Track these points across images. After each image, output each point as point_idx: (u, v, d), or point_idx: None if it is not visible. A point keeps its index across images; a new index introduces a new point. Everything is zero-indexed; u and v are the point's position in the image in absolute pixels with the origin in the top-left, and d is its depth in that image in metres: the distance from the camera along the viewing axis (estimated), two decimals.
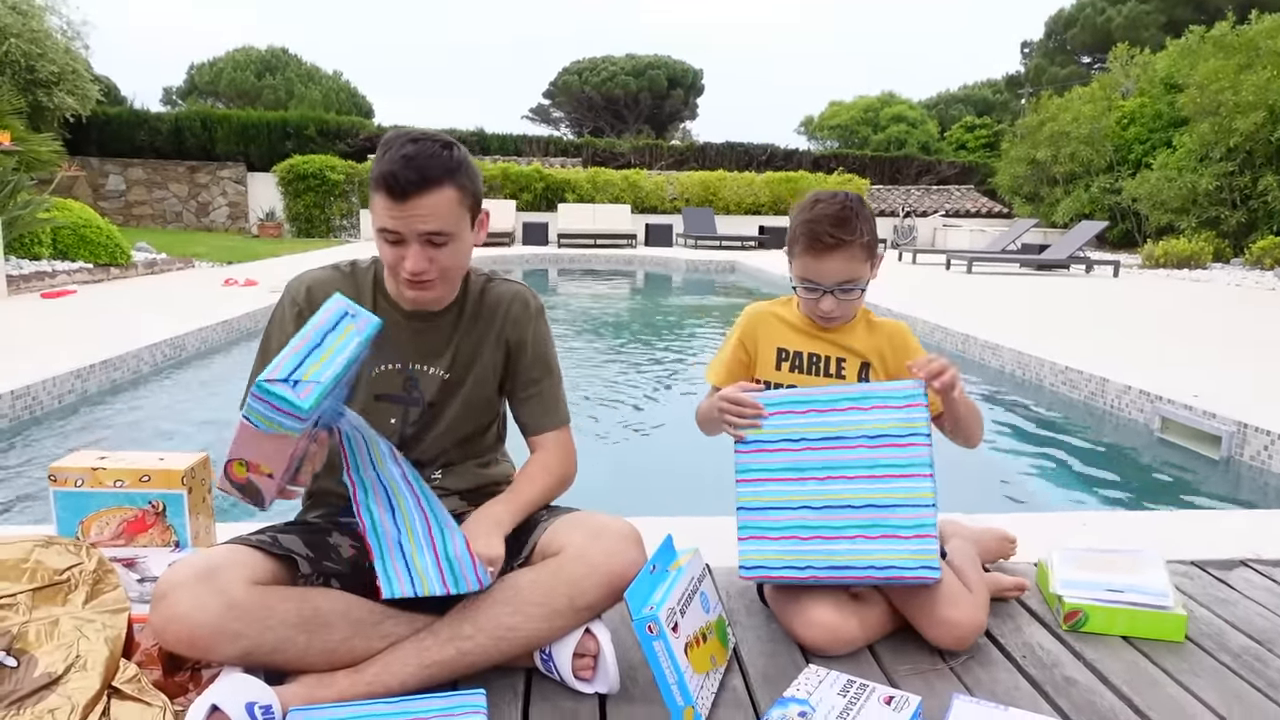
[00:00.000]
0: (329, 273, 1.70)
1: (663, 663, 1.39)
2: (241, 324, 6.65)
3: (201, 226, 20.28)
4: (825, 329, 1.87)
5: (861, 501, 1.66)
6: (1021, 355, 5.57)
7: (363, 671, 1.45)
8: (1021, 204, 21.25)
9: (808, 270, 1.79)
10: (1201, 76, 15.45)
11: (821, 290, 1.78)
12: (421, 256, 1.51)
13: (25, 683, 1.32)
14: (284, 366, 1.29)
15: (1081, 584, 1.85)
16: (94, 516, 1.79)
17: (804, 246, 1.78)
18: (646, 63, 34.05)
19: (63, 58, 15.86)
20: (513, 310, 1.73)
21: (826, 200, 1.79)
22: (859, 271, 1.77)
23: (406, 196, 1.47)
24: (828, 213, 1.75)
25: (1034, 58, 34.49)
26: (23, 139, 9.98)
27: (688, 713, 1.41)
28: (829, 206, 1.76)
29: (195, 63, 30.79)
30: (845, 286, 1.78)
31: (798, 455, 1.70)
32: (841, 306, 1.80)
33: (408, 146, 1.48)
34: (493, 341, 1.72)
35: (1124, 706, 1.54)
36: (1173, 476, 3.82)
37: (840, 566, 1.66)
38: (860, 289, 1.79)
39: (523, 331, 1.74)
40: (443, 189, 1.48)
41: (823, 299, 1.79)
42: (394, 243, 1.52)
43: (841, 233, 1.74)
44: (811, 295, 1.81)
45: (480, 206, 1.61)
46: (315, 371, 1.30)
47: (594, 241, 17.73)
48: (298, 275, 1.72)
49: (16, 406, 3.96)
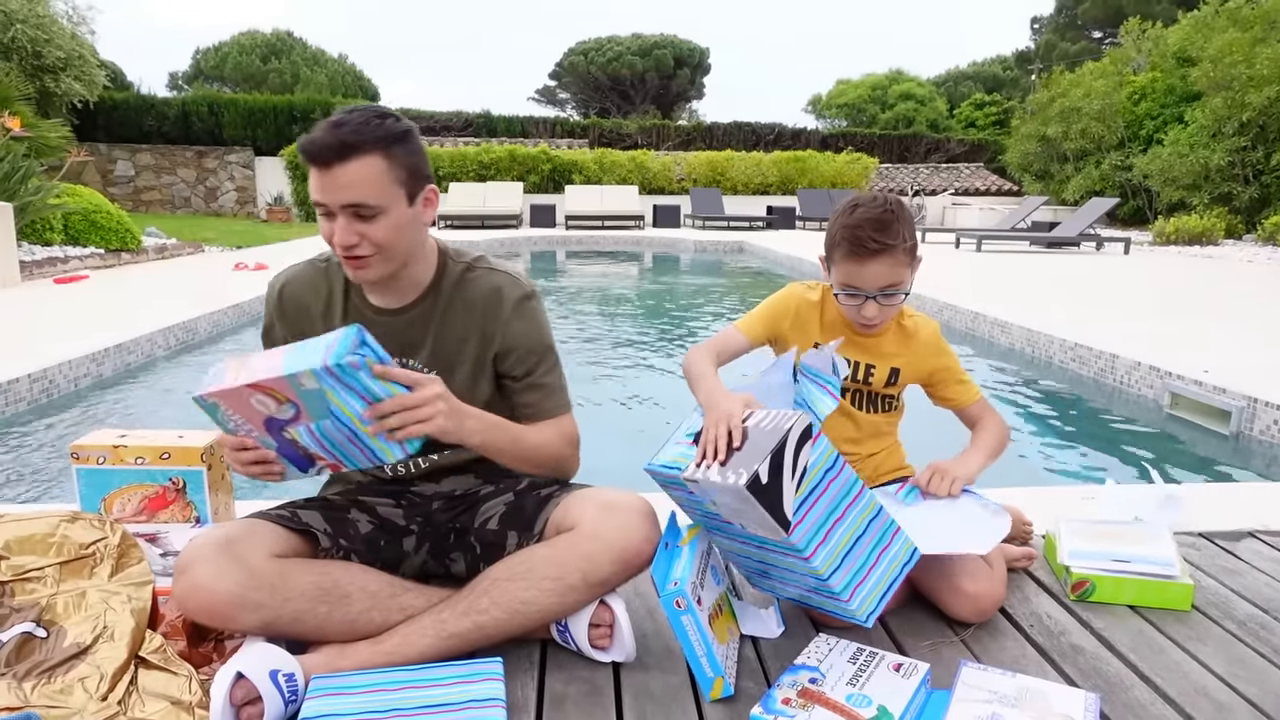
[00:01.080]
0: (304, 268, 1.70)
1: (691, 636, 1.41)
2: (252, 307, 6.68)
3: (210, 211, 20.34)
4: (853, 330, 1.87)
5: (783, 565, 1.53)
6: (1031, 332, 5.56)
7: (382, 642, 1.48)
8: (1031, 181, 21.10)
9: (850, 276, 1.75)
10: (1215, 50, 15.27)
11: (864, 296, 1.75)
12: (349, 230, 1.46)
13: (55, 653, 1.36)
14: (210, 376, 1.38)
15: (1089, 554, 1.87)
16: (116, 493, 1.82)
17: (846, 252, 1.73)
18: (653, 42, 33.82)
19: (69, 43, 15.88)
20: (493, 302, 1.64)
21: (867, 204, 1.74)
22: (902, 276, 1.75)
23: (328, 165, 1.43)
24: (869, 217, 1.71)
25: (1044, 33, 34.12)
26: (32, 125, 10.01)
27: (718, 683, 1.43)
28: (870, 210, 1.72)
29: (200, 47, 30.74)
30: (888, 291, 1.75)
31: (712, 520, 1.55)
32: (884, 312, 1.78)
33: (340, 115, 1.45)
34: (476, 335, 1.65)
35: (1129, 672, 1.56)
36: (1182, 452, 3.83)
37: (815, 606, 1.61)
38: (903, 294, 1.78)
39: (507, 324, 1.64)
40: (366, 158, 1.43)
41: (865, 305, 1.76)
42: (325, 214, 1.48)
43: (885, 237, 1.70)
44: (853, 301, 1.77)
45: (422, 182, 1.54)
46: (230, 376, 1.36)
47: (601, 223, 17.70)
48: (279, 273, 1.73)
49: (34, 389, 4.01)
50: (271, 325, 1.71)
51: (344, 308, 1.66)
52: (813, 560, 1.45)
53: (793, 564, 1.50)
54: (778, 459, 1.41)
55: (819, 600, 1.57)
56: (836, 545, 1.48)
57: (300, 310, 1.67)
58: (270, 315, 1.71)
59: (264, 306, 1.73)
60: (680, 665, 1.56)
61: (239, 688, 1.32)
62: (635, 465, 1.61)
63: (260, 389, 1.33)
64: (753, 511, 1.40)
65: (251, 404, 1.35)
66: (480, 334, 1.65)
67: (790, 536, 1.41)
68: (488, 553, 1.68)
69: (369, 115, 1.46)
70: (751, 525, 1.45)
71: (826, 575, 1.46)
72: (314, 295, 1.67)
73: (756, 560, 1.59)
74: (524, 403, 1.69)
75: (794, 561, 1.48)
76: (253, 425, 1.38)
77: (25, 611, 1.41)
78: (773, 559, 1.53)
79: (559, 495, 1.66)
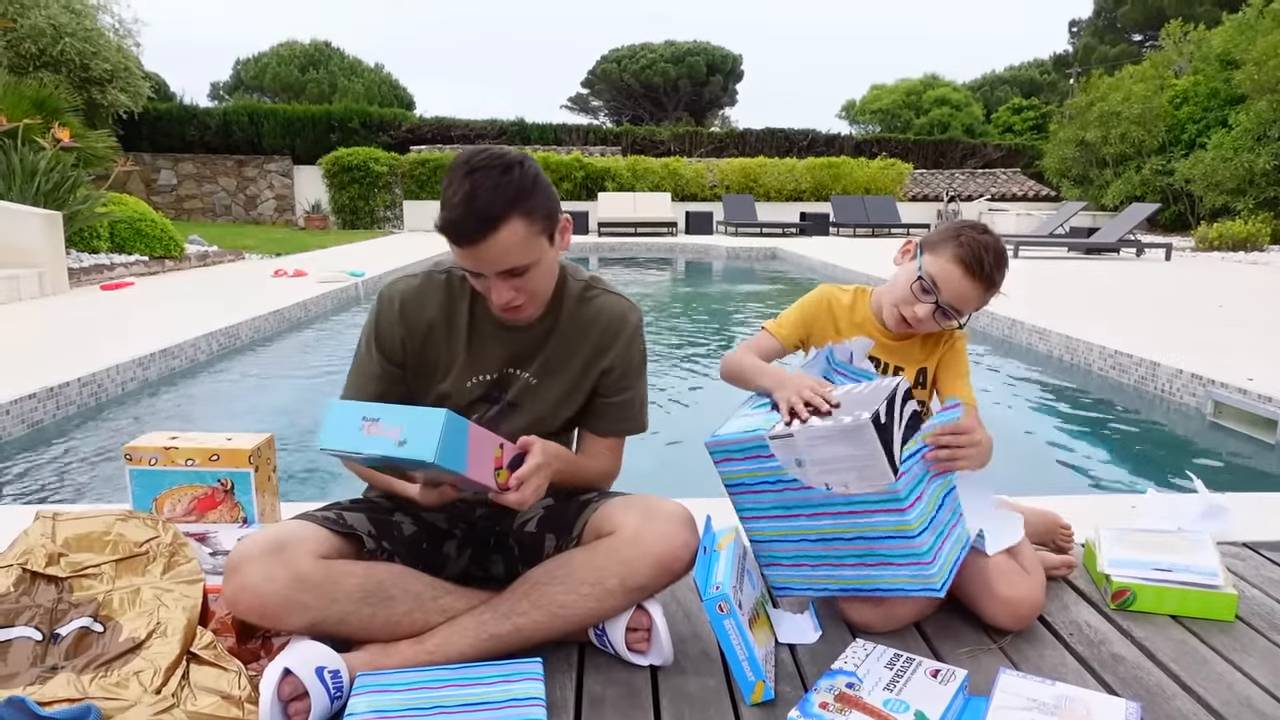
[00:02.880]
0: (421, 281, 1.68)
1: (734, 640, 1.43)
2: (292, 314, 6.80)
3: (250, 219, 20.71)
4: (888, 334, 1.89)
5: (851, 534, 1.59)
6: (1070, 339, 5.49)
7: (425, 642, 1.51)
8: (1070, 187, 20.82)
9: (945, 280, 1.75)
10: (1259, 52, 14.98)
11: (937, 303, 1.77)
12: (504, 288, 1.50)
13: (111, 647, 1.41)
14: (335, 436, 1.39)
15: (1129, 563, 1.86)
16: (167, 494, 1.88)
17: (959, 257, 1.74)
18: (685, 49, 33.89)
19: (115, 55, 16.28)
20: (615, 323, 1.72)
21: (995, 236, 1.80)
22: (973, 307, 1.80)
23: (474, 244, 1.44)
24: (1000, 249, 1.77)
25: (1083, 36, 33.69)
26: (80, 136, 10.28)
27: (759, 687, 1.45)
28: (999, 243, 1.78)
29: (241, 58, 31.38)
30: (953, 312, 1.78)
31: (781, 495, 1.62)
32: (934, 325, 1.81)
33: (465, 184, 1.41)
34: (587, 354, 1.71)
35: (1171, 683, 1.55)
36: (1225, 461, 3.76)
37: (851, 589, 1.66)
38: (964, 321, 1.82)
39: (619, 350, 1.72)
40: (508, 225, 1.43)
41: (933, 311, 1.77)
42: (476, 275, 1.52)
43: (997, 274, 1.76)
44: (926, 300, 1.77)
45: (556, 218, 1.55)
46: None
47: (634, 230, 17.76)
48: (389, 284, 1.69)
49: (84, 394, 4.11)
50: (388, 334, 1.67)
51: (469, 321, 1.67)
52: (909, 513, 1.52)
53: (871, 528, 1.55)
54: (890, 407, 1.50)
55: (876, 577, 1.60)
56: (925, 508, 1.56)
57: (423, 324, 1.67)
58: (386, 326, 1.67)
59: (372, 317, 1.69)
60: (717, 669, 1.57)
61: (286, 683, 1.36)
62: (669, 470, 1.63)
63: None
64: (862, 457, 1.49)
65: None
66: (594, 351, 1.71)
67: (896, 482, 1.49)
68: (526, 555, 1.71)
69: (496, 177, 1.42)
70: (844, 480, 1.53)
71: (917, 532, 1.53)
72: (435, 309, 1.67)
73: (813, 541, 1.62)
74: (607, 417, 1.76)
75: (877, 523, 1.54)
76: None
77: (83, 607, 1.46)
78: (840, 529, 1.58)
79: (598, 500, 1.68)
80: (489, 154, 1.45)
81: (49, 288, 7.35)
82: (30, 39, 14.89)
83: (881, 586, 1.62)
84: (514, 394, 1.71)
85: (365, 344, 1.71)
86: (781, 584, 1.72)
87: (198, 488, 1.88)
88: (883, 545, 1.57)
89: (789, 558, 1.68)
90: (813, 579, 1.67)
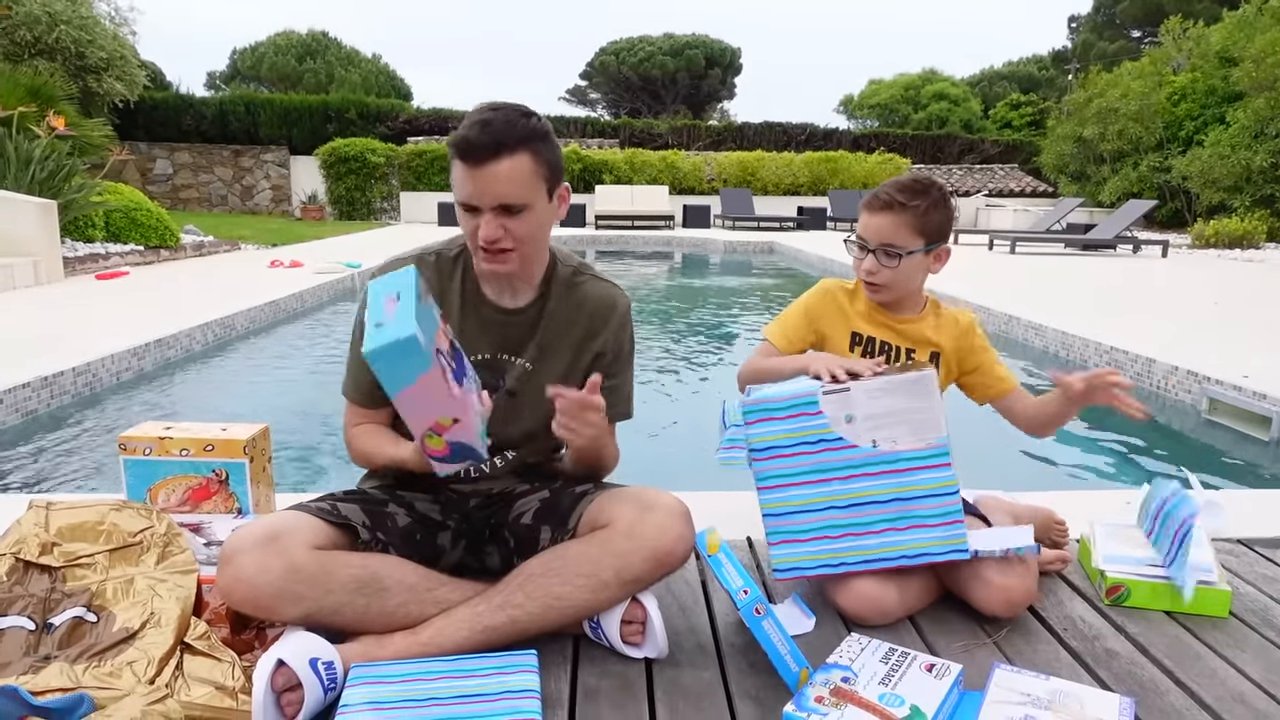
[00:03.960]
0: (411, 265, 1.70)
1: (774, 637, 1.44)
2: (288, 304, 6.79)
3: (246, 209, 20.64)
4: (898, 318, 1.89)
5: (887, 495, 1.66)
6: (1066, 335, 5.50)
7: (419, 633, 1.50)
8: (1067, 183, 20.82)
9: (861, 227, 1.85)
10: (1258, 49, 14.99)
11: (866, 249, 1.83)
12: (494, 225, 1.51)
13: (105, 637, 1.40)
14: (367, 336, 1.30)
15: (1124, 559, 1.86)
16: (161, 483, 1.87)
17: (864, 203, 1.84)
18: (684, 42, 33.80)
19: (111, 44, 16.20)
20: (605, 308, 1.74)
21: (908, 175, 1.86)
22: (904, 239, 1.81)
23: (481, 161, 1.47)
24: (901, 180, 1.83)
25: (1081, 32, 33.67)
26: (76, 124, 10.22)
27: (803, 674, 1.45)
28: (906, 177, 1.84)
29: (238, 47, 31.24)
30: (888, 249, 1.80)
31: (817, 457, 1.67)
32: (882, 272, 1.82)
33: (486, 113, 1.49)
34: (577, 340, 1.72)
35: (1165, 678, 1.55)
36: (1220, 457, 3.78)
37: (873, 559, 1.68)
38: (900, 255, 1.81)
39: (610, 335, 1.74)
40: (517, 155, 1.48)
41: (866, 258, 1.83)
42: (470, 210, 1.53)
43: (900, 196, 1.79)
44: (858, 255, 1.86)
45: (560, 180, 1.60)
46: (393, 311, 1.31)
47: (631, 223, 17.73)
48: (379, 270, 1.66)
49: (78, 383, 4.10)
50: None
51: (460, 303, 1.69)
52: (952, 469, 1.64)
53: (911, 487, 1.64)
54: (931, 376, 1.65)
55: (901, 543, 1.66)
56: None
57: None
58: None
59: (360, 309, 1.66)
60: (712, 661, 1.57)
61: (280, 674, 1.35)
62: (666, 463, 1.64)
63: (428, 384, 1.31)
64: (918, 409, 1.62)
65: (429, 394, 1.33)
66: (585, 334, 1.72)
67: (944, 435, 1.63)
68: (521, 547, 1.70)
69: (514, 114, 1.50)
70: (894, 435, 1.63)
71: (957, 488, 1.65)
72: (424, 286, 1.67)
73: (843, 507, 1.67)
74: None
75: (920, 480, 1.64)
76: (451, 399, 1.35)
77: (76, 597, 1.46)
78: (876, 491, 1.65)
79: (594, 493, 1.67)
80: (508, 104, 1.53)
81: (44, 276, 7.32)
82: (25, 26, 14.82)
83: (906, 553, 1.67)
84: (512, 381, 1.71)
85: (358, 333, 1.70)
86: (788, 565, 1.72)
87: (192, 478, 1.87)
88: (918, 505, 1.65)
89: (808, 530, 1.69)
90: (830, 553, 1.69)
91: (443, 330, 1.41)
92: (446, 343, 1.40)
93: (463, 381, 1.41)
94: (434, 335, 1.35)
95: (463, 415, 1.37)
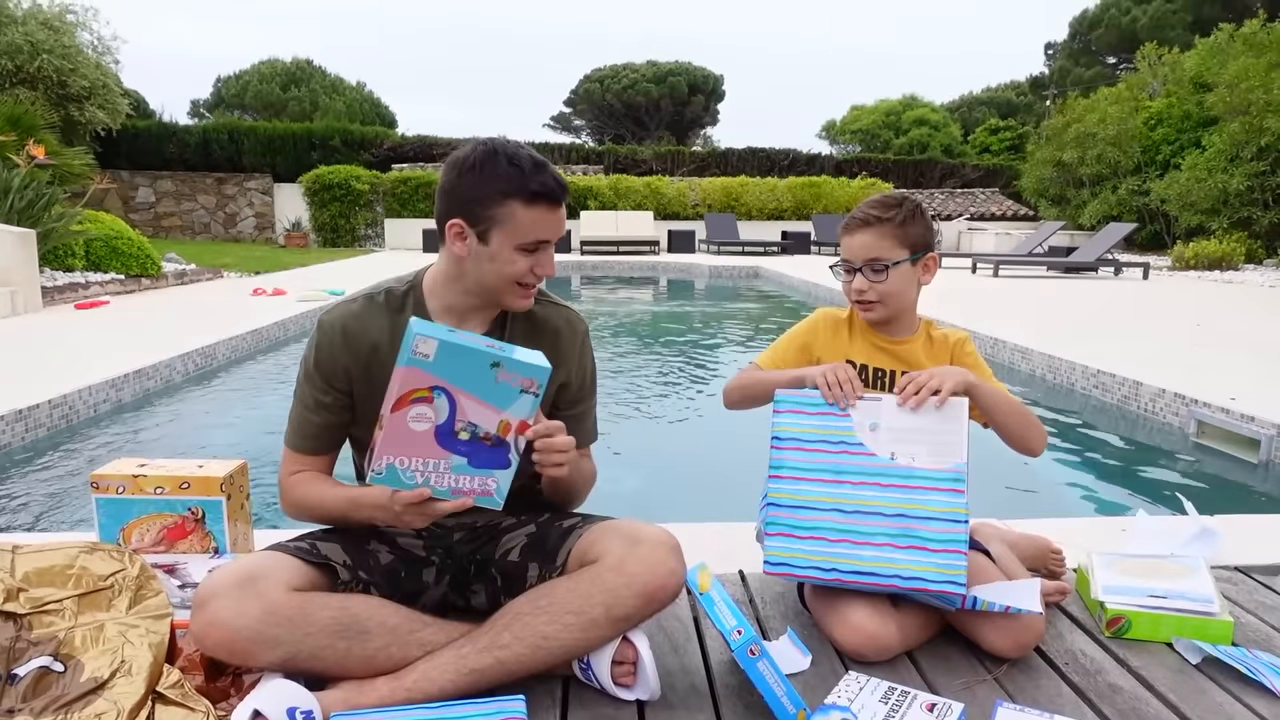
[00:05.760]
0: (362, 305, 1.64)
1: (769, 679, 1.40)
2: (271, 333, 6.72)
3: (229, 237, 20.53)
4: (891, 342, 1.86)
5: (893, 510, 1.65)
6: (1052, 359, 5.51)
7: (402, 678, 1.45)
8: (1047, 206, 21.03)
9: (844, 248, 1.86)
10: (1231, 75, 15.22)
11: (853, 268, 1.83)
12: (553, 259, 1.61)
13: (72, 687, 1.34)
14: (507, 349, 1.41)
15: (1124, 589, 1.83)
16: (135, 523, 1.81)
17: (843, 227, 1.85)
18: (667, 69, 34.08)
19: (93, 73, 16.15)
20: (566, 335, 1.72)
21: (879, 194, 1.88)
22: (888, 252, 1.80)
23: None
24: (876, 198, 1.85)
25: (1058, 59, 34.19)
26: (56, 153, 10.15)
27: (801, 716, 1.40)
28: (875, 196, 1.86)
29: (221, 75, 31.23)
30: (875, 264, 1.80)
31: (835, 458, 1.69)
32: (873, 288, 1.81)
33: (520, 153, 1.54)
34: None
35: (1171, 714, 1.51)
36: (1210, 481, 3.76)
37: (866, 572, 1.64)
38: (887, 266, 1.79)
39: (573, 363, 1.72)
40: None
41: (854, 278, 1.83)
42: (534, 251, 1.56)
43: (877, 211, 1.81)
44: (846, 277, 1.85)
45: None
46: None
47: (616, 248, 17.74)
48: (328, 312, 1.66)
49: (54, 416, 4.02)
50: (331, 361, 1.62)
51: None
52: (965, 497, 1.63)
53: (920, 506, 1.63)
54: None
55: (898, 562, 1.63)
56: None
57: (367, 346, 1.61)
58: (328, 351, 1.62)
59: (313, 346, 1.64)
60: (706, 703, 1.52)
61: None
62: (648, 493, 1.60)
63: (403, 402, 1.35)
64: (944, 431, 1.65)
65: (411, 428, 1.36)
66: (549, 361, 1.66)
67: (964, 462, 1.63)
68: (509, 584, 1.65)
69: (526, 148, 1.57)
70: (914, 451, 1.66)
71: (967, 519, 1.63)
72: (377, 330, 1.62)
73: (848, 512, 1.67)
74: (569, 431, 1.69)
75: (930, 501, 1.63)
76: (431, 454, 1.38)
77: (43, 645, 1.40)
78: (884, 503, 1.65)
79: (582, 527, 1.63)
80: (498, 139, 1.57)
81: (21, 306, 7.22)
82: (7, 56, 14.76)
83: (900, 574, 1.62)
84: None
85: (306, 376, 1.64)
86: (780, 559, 1.68)
87: (167, 516, 1.81)
88: (923, 526, 1.63)
89: (808, 528, 1.67)
90: (824, 556, 1.65)
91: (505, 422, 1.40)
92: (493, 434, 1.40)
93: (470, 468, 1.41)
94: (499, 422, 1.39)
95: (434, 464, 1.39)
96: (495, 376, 1.36)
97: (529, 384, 1.37)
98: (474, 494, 1.41)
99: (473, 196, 1.52)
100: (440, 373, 1.35)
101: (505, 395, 1.37)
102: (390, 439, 1.36)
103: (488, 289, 1.59)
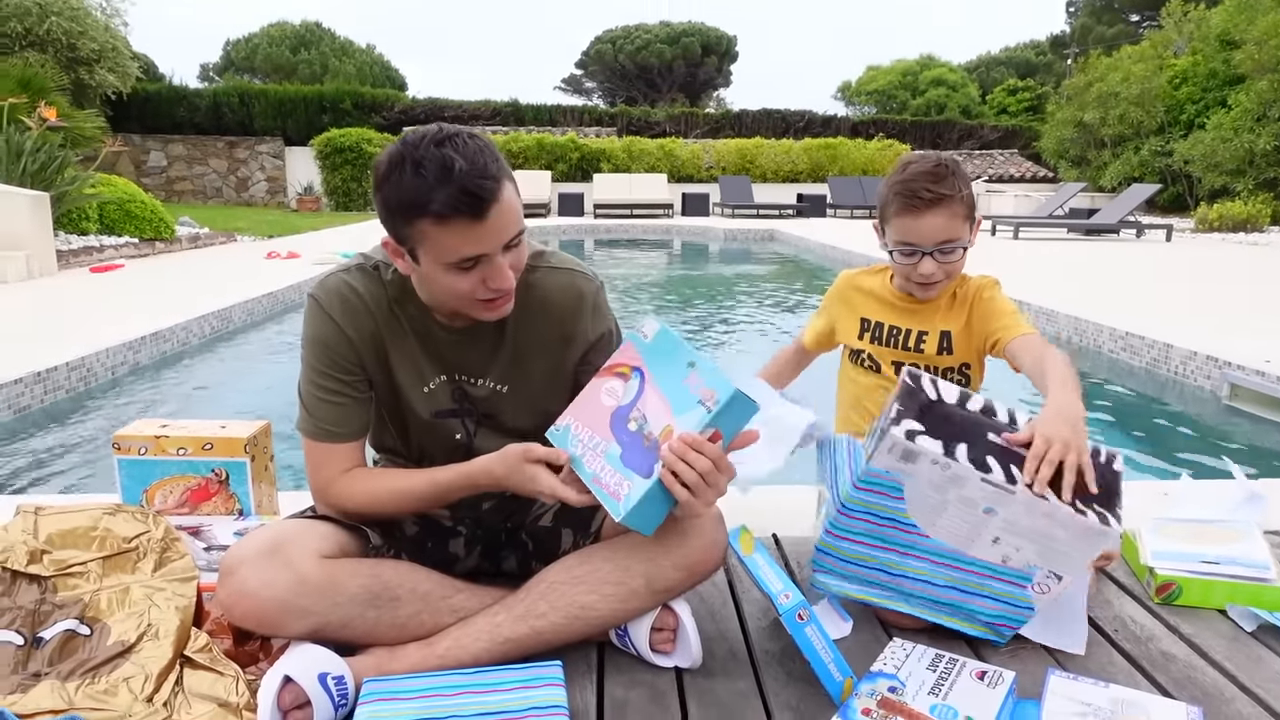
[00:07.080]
0: (357, 275, 1.48)
1: (817, 645, 1.34)
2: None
3: (241, 201, 20.47)
4: (912, 300, 1.80)
5: (945, 582, 1.51)
6: (1079, 320, 5.40)
7: (435, 645, 1.41)
8: (1067, 168, 20.69)
9: (906, 232, 1.71)
10: (1260, 31, 14.85)
11: (920, 252, 1.70)
12: (505, 268, 1.34)
13: (99, 651, 1.31)
14: None
15: (1174, 555, 1.77)
16: (158, 484, 1.78)
17: (900, 207, 1.69)
18: (680, 30, 33.57)
19: (103, 35, 16.01)
20: (573, 303, 1.53)
21: (919, 160, 1.71)
22: (959, 231, 1.70)
23: (487, 210, 1.27)
24: (923, 170, 1.69)
25: (1080, 16, 33.49)
26: (68, 115, 10.07)
27: (848, 684, 1.35)
28: (924, 164, 1.69)
29: (231, 39, 31.02)
30: (945, 247, 1.70)
31: (907, 535, 1.49)
32: (942, 269, 1.72)
33: (440, 155, 1.25)
34: (556, 339, 1.54)
35: (1228, 683, 1.46)
36: (1246, 444, 3.69)
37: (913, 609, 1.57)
38: (961, 248, 1.71)
39: (583, 324, 1.54)
40: (504, 182, 1.31)
41: (922, 261, 1.71)
42: (470, 269, 1.33)
43: (940, 188, 1.67)
44: (909, 260, 1.72)
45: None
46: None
47: (630, 211, 17.61)
48: (321, 282, 1.49)
49: (72, 378, 4.00)
50: (330, 333, 1.46)
51: (405, 320, 1.50)
52: (1028, 589, 1.48)
53: (978, 585, 1.50)
54: None
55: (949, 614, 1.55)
56: None
57: (365, 315, 1.48)
58: (330, 323, 1.46)
59: (310, 316, 1.48)
60: (746, 670, 1.47)
61: (287, 691, 1.26)
62: None
63: (606, 372, 1.40)
64: (1076, 548, 1.44)
65: (600, 399, 1.38)
66: (560, 338, 1.54)
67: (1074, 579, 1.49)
68: (540, 549, 1.61)
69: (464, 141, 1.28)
70: (1019, 545, 1.45)
71: (1033, 608, 1.51)
72: (375, 303, 1.48)
73: (894, 575, 1.53)
74: None
75: (989, 585, 1.50)
76: (599, 432, 1.36)
77: (68, 608, 1.36)
78: (937, 576, 1.51)
79: None
80: (431, 129, 1.30)
81: (36, 270, 7.20)
82: (15, 18, 14.63)
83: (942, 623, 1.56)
84: (486, 405, 1.56)
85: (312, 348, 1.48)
86: (823, 588, 1.61)
87: (190, 478, 1.78)
88: (975, 601, 1.53)
89: (855, 580, 1.56)
90: (871, 593, 1.57)
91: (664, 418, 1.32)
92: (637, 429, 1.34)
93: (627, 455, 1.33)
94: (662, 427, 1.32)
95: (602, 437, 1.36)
96: (686, 376, 1.31)
97: (708, 395, 1.27)
98: (607, 489, 1.32)
99: (387, 214, 1.33)
100: (647, 356, 1.36)
101: (684, 400, 1.30)
102: (580, 402, 1.40)
103: (446, 305, 1.44)
